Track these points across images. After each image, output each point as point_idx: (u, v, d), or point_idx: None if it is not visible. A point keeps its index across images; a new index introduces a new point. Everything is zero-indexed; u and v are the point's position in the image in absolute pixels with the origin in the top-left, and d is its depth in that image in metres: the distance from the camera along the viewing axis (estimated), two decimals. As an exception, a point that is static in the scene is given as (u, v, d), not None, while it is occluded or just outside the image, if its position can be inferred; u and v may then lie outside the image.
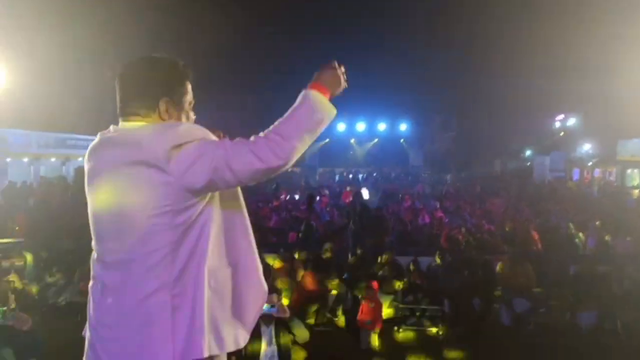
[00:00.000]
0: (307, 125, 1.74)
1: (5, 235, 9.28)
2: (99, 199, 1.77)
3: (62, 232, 9.54)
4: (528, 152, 32.64)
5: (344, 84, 1.90)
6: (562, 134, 30.31)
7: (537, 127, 30.82)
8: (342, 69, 1.90)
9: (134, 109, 1.80)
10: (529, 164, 30.87)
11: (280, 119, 1.73)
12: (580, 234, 10.29)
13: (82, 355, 1.83)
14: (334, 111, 1.82)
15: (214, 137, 1.78)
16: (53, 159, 21.53)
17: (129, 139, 1.72)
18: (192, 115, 1.91)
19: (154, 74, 1.81)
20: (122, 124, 1.82)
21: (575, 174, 27.81)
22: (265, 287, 1.96)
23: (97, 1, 20.17)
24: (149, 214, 1.65)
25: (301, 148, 1.71)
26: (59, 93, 20.19)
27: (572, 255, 8.82)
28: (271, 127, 1.72)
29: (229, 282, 1.82)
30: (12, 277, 6.24)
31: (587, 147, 28.67)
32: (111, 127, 1.85)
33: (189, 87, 1.89)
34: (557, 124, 30.60)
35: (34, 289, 7.13)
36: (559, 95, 26.07)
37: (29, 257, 7.84)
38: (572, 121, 29.29)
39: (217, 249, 1.78)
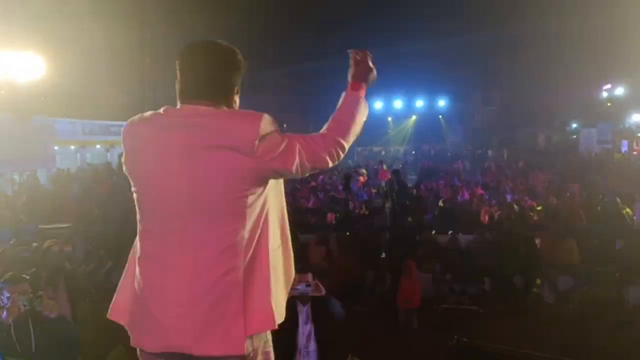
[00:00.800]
0: (359, 131, 1.95)
1: (54, 221, 9.67)
2: (168, 179, 1.74)
3: (109, 216, 9.88)
4: (574, 125, 31.48)
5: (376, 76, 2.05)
6: (609, 104, 29.05)
7: (583, 97, 29.63)
8: (372, 57, 2.04)
9: (207, 94, 1.81)
10: (574, 136, 29.80)
11: (339, 120, 1.90)
12: (628, 208, 9.92)
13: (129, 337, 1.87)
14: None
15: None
16: (98, 146, 22.21)
17: (209, 123, 1.74)
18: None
19: (232, 62, 1.87)
20: (190, 107, 1.80)
21: (624, 145, 26.69)
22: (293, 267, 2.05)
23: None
24: (228, 197, 1.72)
25: None
26: (101, 81, 20.72)
27: (619, 229, 8.52)
28: (332, 127, 1.89)
29: (280, 261, 1.92)
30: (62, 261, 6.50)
31: (636, 118, 27.43)
32: (167, 109, 1.84)
33: None
34: (604, 94, 29.30)
35: (82, 272, 7.44)
36: (604, 63, 24.91)
37: (77, 242, 8.17)
38: (619, 90, 27.95)
39: (273, 230, 1.87)
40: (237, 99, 1.91)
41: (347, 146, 1.89)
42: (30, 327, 3.88)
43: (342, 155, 1.89)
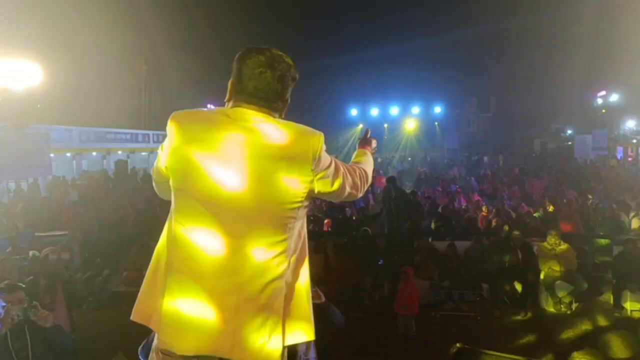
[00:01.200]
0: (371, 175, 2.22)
1: (51, 229, 9.64)
2: (231, 179, 1.73)
3: (105, 224, 9.86)
4: (569, 131, 31.65)
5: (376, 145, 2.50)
6: (604, 110, 29.22)
7: (578, 104, 29.82)
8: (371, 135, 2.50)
9: (269, 101, 1.85)
10: (569, 143, 29.95)
11: (361, 165, 2.16)
12: (624, 215, 9.96)
13: (130, 343, 1.85)
14: None
15: None
16: (94, 153, 22.17)
17: (279, 133, 1.78)
18: None
19: (293, 75, 1.91)
20: (254, 112, 1.81)
21: (619, 152, 26.84)
22: None
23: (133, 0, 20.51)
24: (285, 207, 1.77)
25: None
26: (97, 89, 20.73)
27: (615, 236, 8.55)
28: (360, 168, 2.11)
29: (309, 273, 1.97)
30: (61, 269, 6.48)
31: (630, 124, 27.61)
32: (226, 110, 1.84)
33: None
34: (599, 101, 29.49)
35: (80, 279, 7.42)
36: (599, 70, 25.11)
37: (74, 249, 8.14)
38: (614, 97, 28.14)
39: (307, 243, 1.95)
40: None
41: (367, 187, 2.12)
42: (27, 337, 3.85)
43: (364, 191, 2.10)
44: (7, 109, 14.73)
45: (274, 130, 1.78)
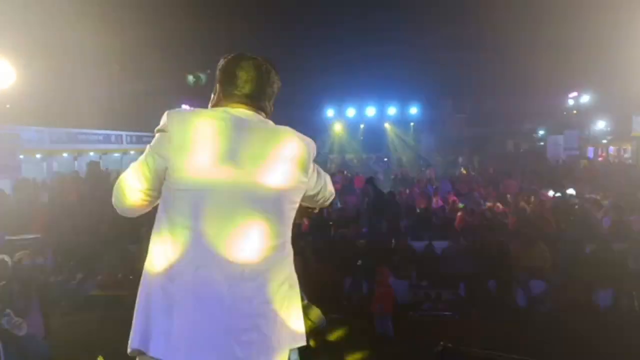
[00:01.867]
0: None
1: (20, 232, 9.38)
2: (240, 179, 1.74)
3: (78, 226, 9.65)
4: (541, 132, 32.26)
5: None
6: (574, 112, 29.87)
7: (550, 105, 30.41)
8: None
9: (263, 102, 1.93)
10: (542, 143, 30.52)
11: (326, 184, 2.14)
12: (596, 213, 10.19)
13: (106, 347, 1.80)
14: None
15: None
16: (65, 154, 21.71)
17: (285, 137, 1.85)
18: None
19: (278, 80, 2.00)
20: (259, 117, 1.89)
21: (590, 152, 27.47)
22: None
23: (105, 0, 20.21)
24: (286, 207, 1.83)
25: None
26: (68, 89, 20.32)
27: (588, 234, 8.74)
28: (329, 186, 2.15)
29: None
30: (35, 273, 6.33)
31: (601, 125, 28.28)
32: (229, 110, 1.85)
33: None
34: (570, 102, 30.14)
35: (54, 284, 7.25)
36: (570, 72, 25.65)
37: (47, 253, 7.96)
38: (585, 98, 28.79)
39: None
40: None
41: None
42: (0, 346, 3.74)
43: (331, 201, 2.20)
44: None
45: (277, 132, 1.86)
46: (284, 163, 1.81)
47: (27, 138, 17.82)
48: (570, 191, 13.07)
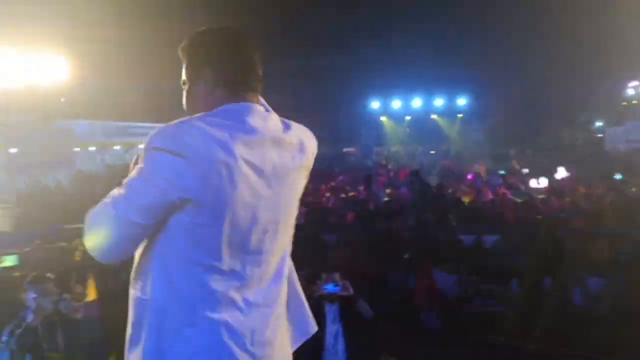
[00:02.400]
0: None
1: (77, 222, 9.69)
2: (265, 204, 1.50)
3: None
4: (598, 124, 30.90)
5: None
6: (634, 101, 28.44)
7: (608, 95, 29.07)
8: None
9: (260, 89, 1.62)
10: (600, 135, 29.24)
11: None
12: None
13: None
14: None
15: None
16: (117, 147, 22.46)
17: (296, 141, 1.60)
18: None
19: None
20: (269, 114, 1.58)
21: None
22: None
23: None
24: (294, 215, 1.70)
25: None
26: (119, 83, 20.94)
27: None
28: None
29: None
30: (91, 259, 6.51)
31: (663, 115, 26.81)
32: (261, 105, 1.57)
33: None
34: (631, 92, 28.71)
35: (110, 269, 7.45)
36: (630, 59, 24.38)
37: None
38: (646, 87, 27.37)
39: None
40: None
41: None
42: (57, 329, 3.86)
43: None
44: (32, 103, 14.92)
45: (294, 138, 1.59)
46: (298, 173, 1.68)
47: (80, 132, 18.55)
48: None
